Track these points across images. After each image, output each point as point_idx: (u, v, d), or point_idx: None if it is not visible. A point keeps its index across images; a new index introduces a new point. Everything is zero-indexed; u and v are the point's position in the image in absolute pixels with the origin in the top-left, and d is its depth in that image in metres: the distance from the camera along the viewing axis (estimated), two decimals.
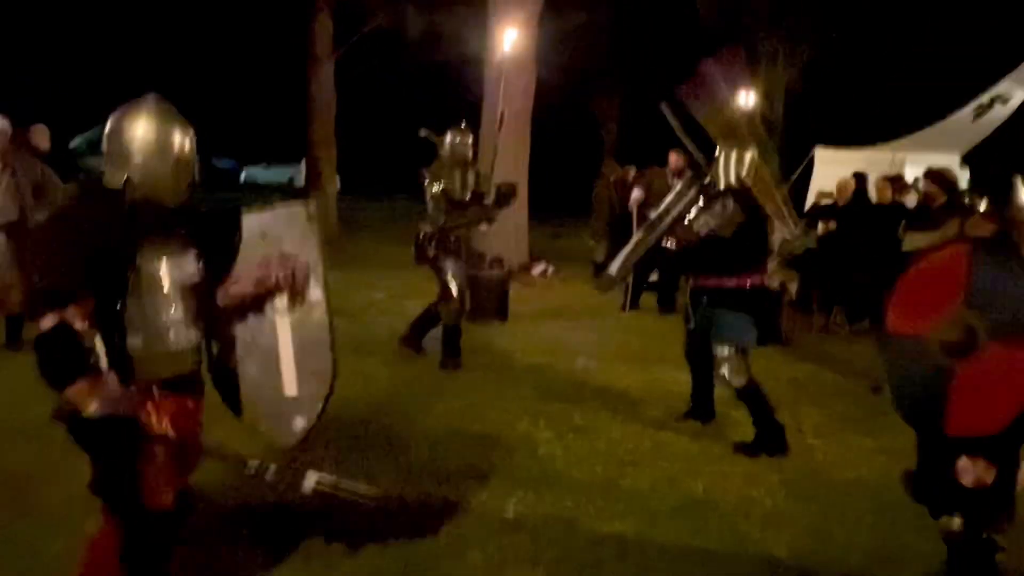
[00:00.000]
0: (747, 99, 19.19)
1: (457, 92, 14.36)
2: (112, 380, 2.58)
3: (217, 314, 2.91)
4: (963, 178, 14.75)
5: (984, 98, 15.37)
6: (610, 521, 4.00)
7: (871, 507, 4.27)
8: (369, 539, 3.63)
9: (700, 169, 5.38)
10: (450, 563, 3.53)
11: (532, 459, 4.80)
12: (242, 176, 29.58)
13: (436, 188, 6.61)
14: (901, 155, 14.71)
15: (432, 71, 16.35)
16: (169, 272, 2.72)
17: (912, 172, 13.70)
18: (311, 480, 2.94)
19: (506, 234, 11.10)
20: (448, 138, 6.80)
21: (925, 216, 6.86)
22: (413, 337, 6.96)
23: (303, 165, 17.89)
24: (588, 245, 12.76)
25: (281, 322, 2.89)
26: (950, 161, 14.70)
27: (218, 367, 3.01)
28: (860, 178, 9.14)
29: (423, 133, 7.04)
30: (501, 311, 8.78)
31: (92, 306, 2.54)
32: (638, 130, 20.53)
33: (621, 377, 6.65)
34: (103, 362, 2.58)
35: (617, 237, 10.83)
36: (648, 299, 9.70)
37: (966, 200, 3.30)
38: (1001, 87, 15.24)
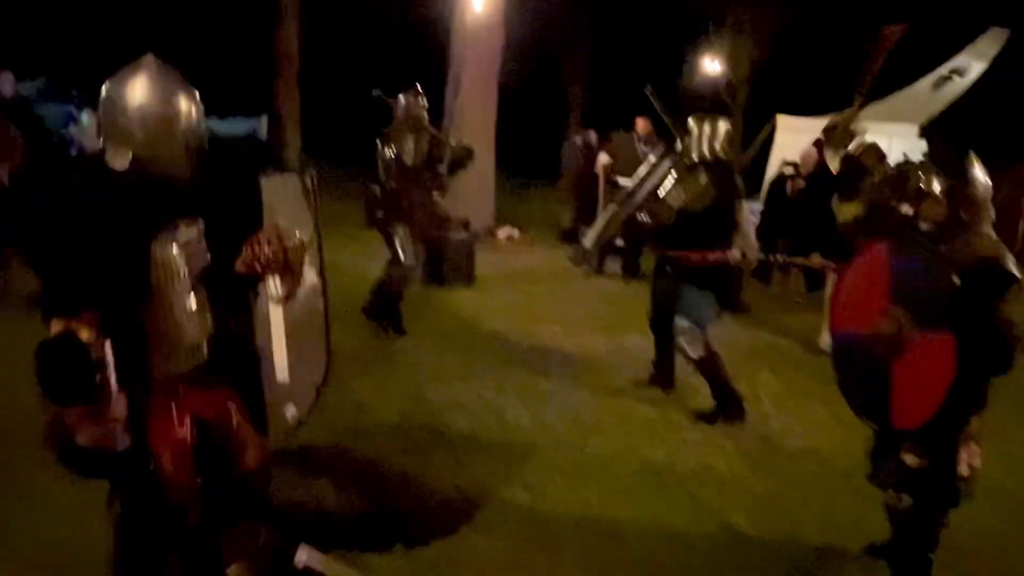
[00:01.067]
0: (713, 66, 19.29)
1: (425, 54, 14.19)
2: (119, 405, 2.33)
3: (234, 294, 2.61)
4: (919, 149, 15.04)
5: (943, 70, 15.65)
6: (573, 488, 4.13)
7: (823, 474, 4.47)
8: (336, 503, 3.72)
9: (674, 141, 5.44)
10: (413, 529, 3.60)
11: (498, 425, 4.91)
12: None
13: (388, 152, 6.54)
14: (862, 124, 14.94)
15: (400, 32, 16.13)
16: (183, 259, 2.42)
17: (872, 140, 13.95)
18: (303, 555, 2.88)
19: (472, 197, 11.09)
20: (402, 101, 6.70)
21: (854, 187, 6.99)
22: (375, 308, 6.82)
23: (264, 119, 17.66)
24: (555, 209, 12.86)
25: (271, 303, 2.59)
26: (909, 131, 14.98)
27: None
28: (820, 145, 9.26)
29: (375, 94, 6.93)
30: (468, 275, 8.82)
31: (99, 313, 2.26)
32: (606, 92, 20.52)
33: (586, 343, 6.77)
34: (112, 378, 2.29)
35: (583, 201, 10.94)
36: (613, 264, 9.81)
37: (911, 179, 3.37)
38: (959, 60, 15.53)
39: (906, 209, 3.43)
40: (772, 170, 12.86)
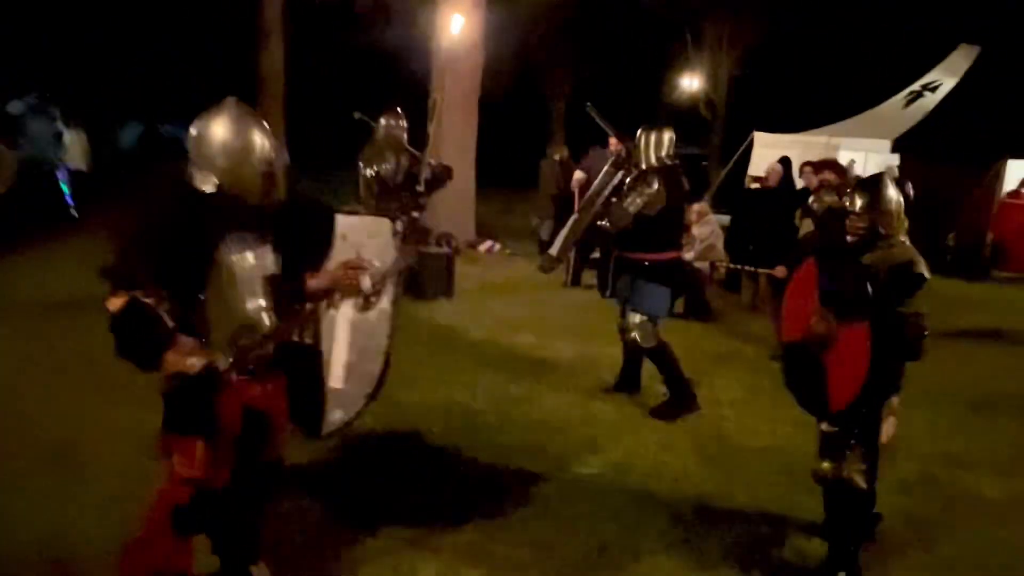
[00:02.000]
0: (691, 83, 19.63)
1: (406, 74, 14.51)
2: (189, 341, 2.73)
3: (297, 304, 3.06)
4: (893, 162, 15.43)
5: (915, 86, 16.10)
6: (535, 483, 4.40)
7: (772, 470, 4.75)
8: (319, 505, 3.98)
9: (628, 153, 5.75)
10: (387, 523, 3.85)
11: (469, 427, 5.17)
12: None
13: (369, 171, 6.83)
14: (836, 140, 15.33)
15: (381, 53, 16.44)
16: (251, 265, 2.88)
17: (846, 156, 14.32)
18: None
19: (453, 212, 11.40)
20: (383, 121, 7.01)
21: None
22: None
23: None
24: (533, 223, 13.15)
25: (342, 320, 3.16)
26: (881, 146, 15.37)
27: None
28: (786, 162, 9.61)
29: (357, 116, 7.26)
30: (447, 287, 9.09)
31: (164, 296, 2.68)
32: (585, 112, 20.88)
33: (558, 351, 7.05)
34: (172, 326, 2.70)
35: (560, 215, 11.24)
36: (588, 276, 10.08)
37: (846, 199, 3.81)
38: (931, 76, 15.98)
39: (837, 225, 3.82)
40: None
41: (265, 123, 2.98)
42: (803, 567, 3.72)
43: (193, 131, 2.91)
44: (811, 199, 7.10)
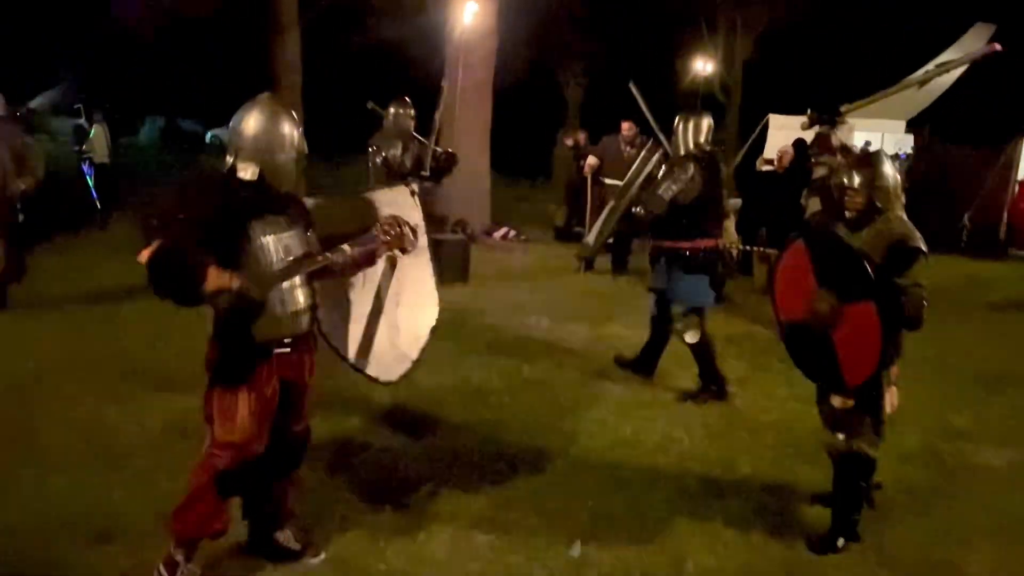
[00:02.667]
0: (705, 67, 19.69)
1: (420, 63, 14.66)
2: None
3: (322, 279, 3.36)
4: (907, 144, 15.42)
5: (930, 66, 16.03)
6: (547, 458, 4.57)
7: (777, 444, 4.90)
8: (330, 475, 4.18)
9: (658, 137, 5.80)
10: (404, 495, 4.07)
11: (483, 406, 5.35)
12: (207, 137, 29.70)
13: (378, 158, 7.04)
14: (850, 121, 15.32)
15: (395, 42, 16.60)
16: (282, 245, 3.15)
17: (861, 138, 14.35)
18: None
19: (469, 199, 11.56)
20: (391, 110, 7.20)
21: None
22: None
23: None
24: (550, 209, 13.31)
25: (392, 275, 3.68)
26: (896, 127, 15.39)
27: (329, 321, 3.64)
28: (800, 145, 9.67)
29: (370, 105, 7.47)
30: (462, 273, 9.26)
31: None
32: (602, 95, 20.97)
33: (571, 333, 7.20)
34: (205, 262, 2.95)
35: (575, 201, 11.38)
36: (602, 261, 10.23)
37: (836, 177, 3.93)
38: (946, 55, 15.91)
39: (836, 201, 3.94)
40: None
41: (294, 114, 3.28)
42: (803, 534, 3.87)
43: (233, 124, 3.21)
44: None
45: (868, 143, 13.66)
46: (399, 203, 3.76)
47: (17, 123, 7.49)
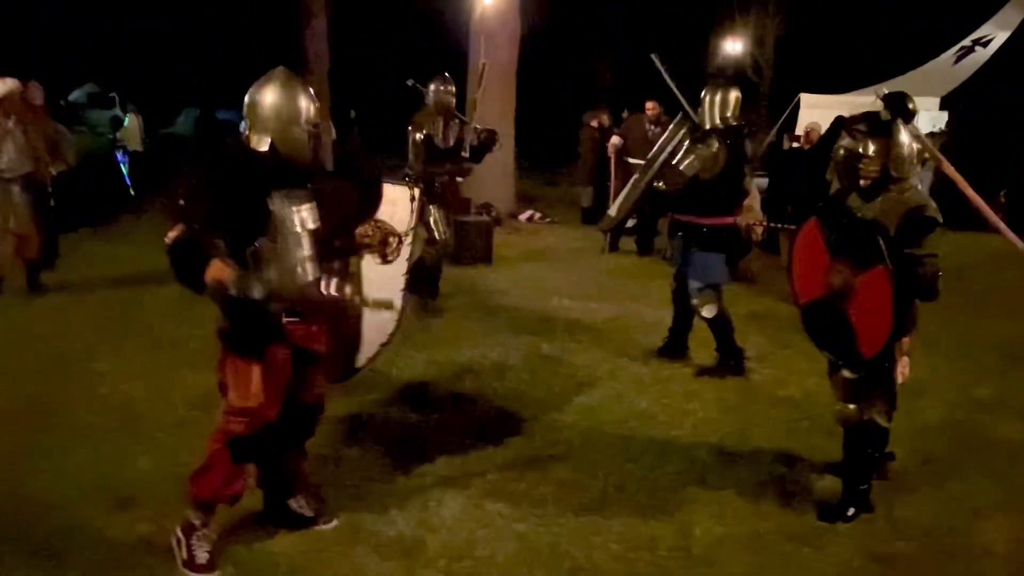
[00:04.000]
0: (734, 45, 19.47)
1: (445, 44, 14.69)
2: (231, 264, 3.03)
3: (333, 256, 3.43)
4: (941, 121, 15.13)
5: (966, 41, 15.73)
6: (560, 431, 4.62)
7: (792, 417, 4.89)
8: (352, 446, 4.28)
9: (686, 110, 5.73)
10: (417, 464, 4.15)
11: (500, 381, 5.39)
12: (241, 126, 30.13)
13: (418, 135, 7.02)
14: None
15: (421, 22, 16.65)
16: (298, 218, 3.23)
17: None
18: None
19: (494, 181, 11.58)
20: (432, 87, 7.20)
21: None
22: (415, 284, 7.24)
23: None
24: (576, 191, 13.29)
25: (365, 272, 3.58)
26: (930, 104, 15.07)
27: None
28: (838, 123, 9.50)
29: (410, 83, 7.47)
30: (486, 255, 9.31)
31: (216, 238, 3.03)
32: (632, 77, 20.82)
33: (591, 313, 7.21)
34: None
35: (600, 181, 11.35)
36: (627, 242, 10.22)
37: (853, 145, 3.90)
38: (982, 30, 15.58)
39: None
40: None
41: (311, 89, 3.32)
42: (814, 503, 3.87)
43: (248, 97, 3.26)
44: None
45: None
46: (396, 203, 3.73)
47: (50, 112, 7.68)
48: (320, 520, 3.57)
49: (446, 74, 7.36)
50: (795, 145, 10.37)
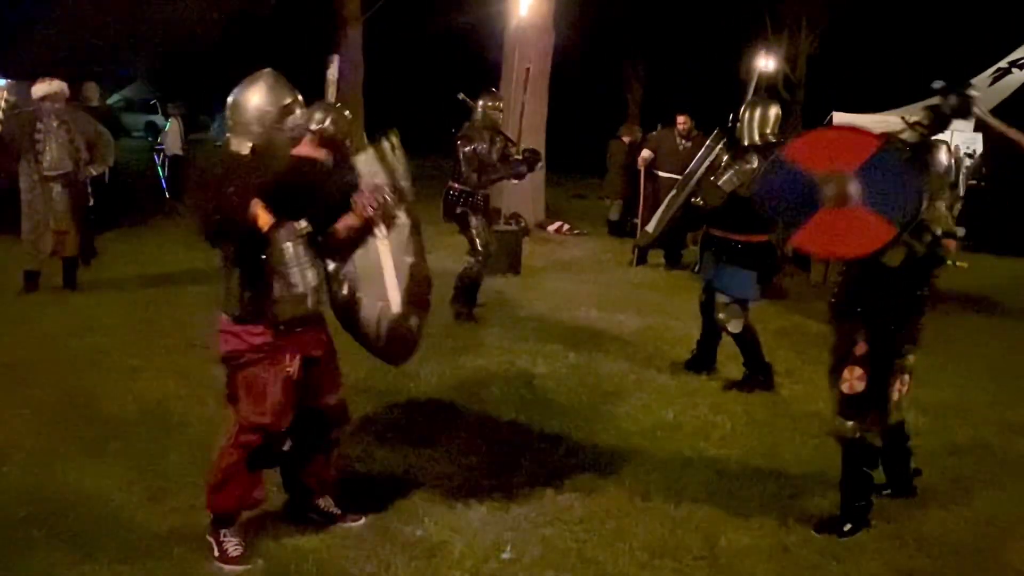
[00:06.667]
0: (767, 63, 19.29)
1: (480, 54, 14.81)
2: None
3: (328, 256, 3.35)
4: (976, 143, 14.97)
5: (1003, 63, 15.52)
6: (586, 438, 4.63)
7: (820, 433, 4.80)
8: (378, 449, 4.32)
9: (726, 128, 5.73)
10: (445, 466, 4.20)
11: (526, 389, 5.42)
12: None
13: (469, 148, 7.05)
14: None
15: (456, 34, 16.80)
16: (291, 226, 3.15)
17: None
18: None
19: (524, 193, 11.64)
20: (481, 102, 7.25)
21: None
22: (459, 295, 7.18)
23: None
24: (604, 204, 13.31)
25: (382, 247, 3.37)
26: (965, 125, 14.90)
27: (336, 300, 3.46)
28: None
29: (460, 97, 7.51)
30: (514, 265, 9.34)
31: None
32: (664, 92, 20.84)
33: (619, 323, 7.22)
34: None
35: (629, 196, 11.35)
36: (655, 255, 10.20)
37: None
38: (1020, 52, 15.37)
39: None
40: None
41: (297, 91, 3.19)
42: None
43: (230, 99, 3.14)
44: None
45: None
46: (372, 165, 3.44)
47: (89, 111, 7.84)
48: (348, 518, 3.60)
49: (494, 89, 7.41)
50: None
